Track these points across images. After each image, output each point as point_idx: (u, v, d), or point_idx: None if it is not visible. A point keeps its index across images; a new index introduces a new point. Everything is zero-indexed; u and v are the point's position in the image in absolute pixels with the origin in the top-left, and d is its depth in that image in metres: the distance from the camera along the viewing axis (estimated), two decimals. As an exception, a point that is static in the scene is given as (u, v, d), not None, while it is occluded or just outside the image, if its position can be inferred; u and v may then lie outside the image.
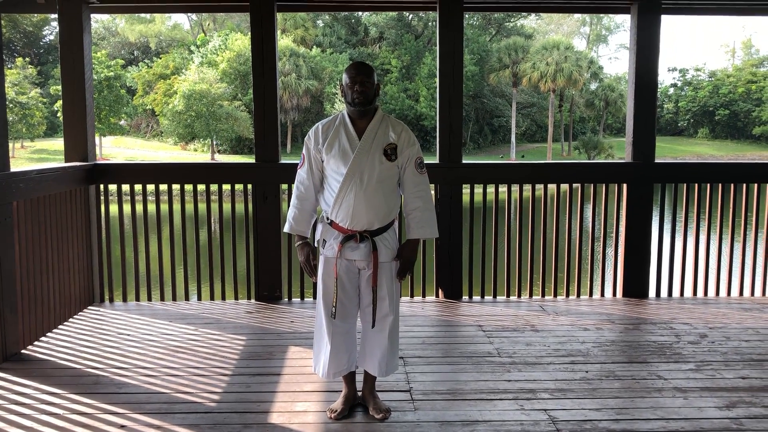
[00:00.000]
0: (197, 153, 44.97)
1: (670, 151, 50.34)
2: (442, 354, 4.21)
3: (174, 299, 5.48)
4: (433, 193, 5.26)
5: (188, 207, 5.42)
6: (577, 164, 6.06)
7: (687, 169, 5.76)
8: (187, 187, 5.44)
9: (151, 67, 48.20)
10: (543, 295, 5.63)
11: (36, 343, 4.35)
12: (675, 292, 5.65)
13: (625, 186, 5.50)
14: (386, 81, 47.11)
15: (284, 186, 5.37)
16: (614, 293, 5.65)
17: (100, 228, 5.34)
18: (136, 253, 5.42)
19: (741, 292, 5.69)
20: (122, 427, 3.15)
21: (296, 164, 3.39)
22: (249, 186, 5.43)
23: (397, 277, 3.26)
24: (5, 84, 4.49)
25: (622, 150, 6.54)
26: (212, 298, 5.51)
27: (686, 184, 5.57)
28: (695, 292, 5.63)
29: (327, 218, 3.22)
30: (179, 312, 5.14)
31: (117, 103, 40.05)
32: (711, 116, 58.61)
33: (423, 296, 5.59)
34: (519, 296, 5.58)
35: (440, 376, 3.81)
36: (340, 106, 40.47)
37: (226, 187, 5.47)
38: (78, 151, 5.27)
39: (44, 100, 40.65)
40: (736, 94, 57.22)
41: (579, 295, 5.62)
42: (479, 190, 5.51)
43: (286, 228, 3.29)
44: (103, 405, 3.40)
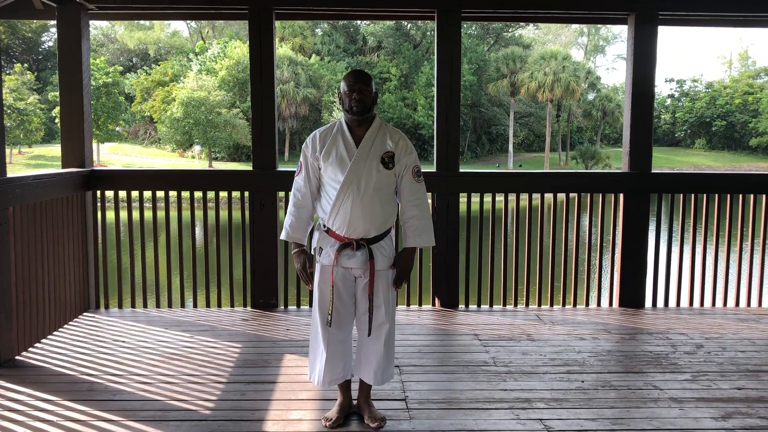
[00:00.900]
0: (193, 160, 44.95)
1: (667, 162, 50.48)
2: (438, 363, 4.20)
3: (169, 306, 5.47)
4: (430, 202, 5.26)
5: (185, 214, 5.41)
6: (574, 174, 6.08)
7: (683, 180, 5.77)
8: (184, 194, 5.44)
9: (150, 74, 48.28)
10: (539, 305, 5.63)
11: (31, 350, 4.34)
12: (671, 302, 5.66)
13: (622, 196, 5.51)
14: (384, 89, 47.23)
15: (281, 193, 5.37)
16: (610, 303, 5.66)
17: (97, 234, 5.33)
18: (132, 260, 5.40)
19: (737, 303, 5.69)
20: (116, 435, 3.14)
21: (293, 172, 3.39)
22: (246, 193, 5.43)
23: (394, 286, 3.26)
24: (3, 89, 4.49)
25: (619, 160, 6.56)
26: (208, 306, 5.50)
27: (683, 195, 5.58)
28: (691, 303, 5.63)
29: (324, 226, 3.22)
30: (175, 319, 5.13)
31: (115, 110, 40.07)
32: (708, 127, 58.82)
33: (419, 305, 5.58)
34: (515, 305, 5.58)
35: (436, 385, 3.80)
36: (338, 114, 40.51)
37: (223, 195, 5.47)
38: (75, 158, 5.27)
39: (42, 106, 40.66)
40: (733, 106, 57.46)
41: (575, 305, 5.62)
42: (476, 199, 5.52)
43: (283, 235, 3.29)
44: (98, 412, 3.38)
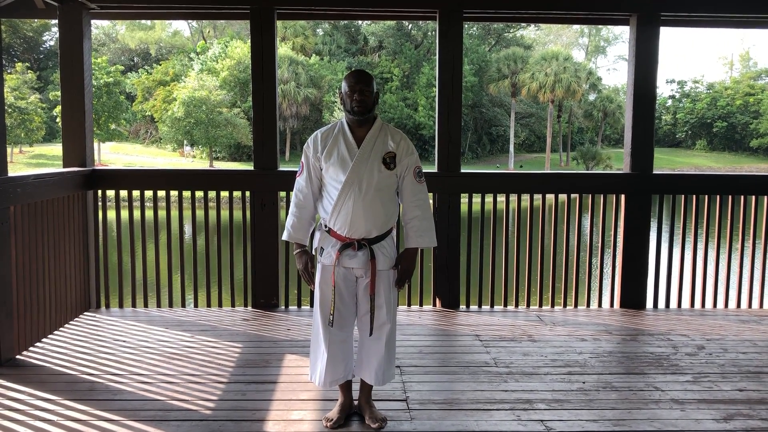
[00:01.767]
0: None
1: (668, 163, 50.47)
2: (439, 363, 4.20)
3: (170, 306, 5.46)
4: (432, 203, 5.26)
5: (186, 213, 5.41)
6: (576, 175, 6.08)
7: (685, 181, 5.77)
8: (185, 194, 5.44)
9: (151, 74, 48.30)
10: (540, 305, 5.62)
11: (31, 349, 4.33)
12: (673, 304, 5.65)
13: (623, 197, 5.50)
14: (386, 90, 47.24)
15: (282, 193, 5.36)
16: (612, 304, 5.65)
17: (98, 233, 5.33)
18: (133, 259, 5.40)
19: (738, 304, 5.69)
20: (117, 435, 3.13)
21: (295, 172, 3.39)
22: (247, 193, 5.42)
23: (396, 286, 3.25)
24: (4, 88, 4.49)
25: (620, 161, 6.56)
26: (209, 305, 5.50)
27: (684, 196, 5.57)
28: (693, 304, 5.62)
29: (325, 226, 3.21)
30: (175, 319, 5.12)
31: (116, 109, 40.09)
32: (709, 128, 58.80)
33: (420, 305, 5.58)
34: (516, 306, 5.57)
35: (437, 386, 3.80)
36: (340, 115, 40.54)
37: (224, 194, 5.47)
38: (76, 157, 5.27)
39: (43, 106, 40.67)
40: (734, 107, 57.45)
41: (576, 306, 5.61)
42: (477, 200, 5.51)
43: (285, 236, 3.29)
44: (98, 411, 3.38)
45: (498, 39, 56.11)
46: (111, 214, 5.42)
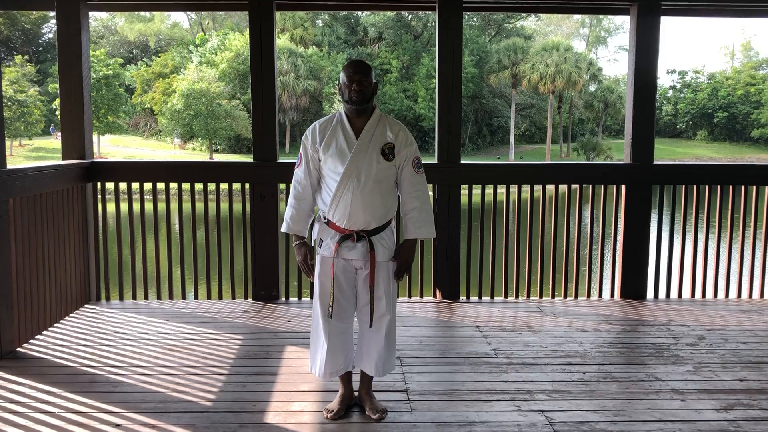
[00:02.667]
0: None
1: (669, 153, 50.40)
2: (439, 354, 4.20)
3: (171, 298, 5.46)
4: (432, 194, 5.25)
5: (186, 206, 5.40)
6: (576, 165, 6.07)
7: (685, 171, 5.75)
8: (185, 186, 5.43)
9: (150, 66, 48.18)
10: (541, 296, 5.62)
11: (32, 341, 4.34)
12: (673, 294, 5.65)
13: (624, 187, 5.49)
14: (385, 81, 47.13)
15: (282, 185, 5.36)
16: (612, 295, 5.65)
17: (97, 226, 5.33)
18: (133, 252, 5.40)
19: (739, 294, 5.68)
20: (117, 426, 3.13)
21: (294, 164, 3.38)
22: (246, 185, 5.41)
23: (395, 278, 3.25)
24: (2, 81, 4.48)
25: (621, 152, 6.54)
26: (209, 297, 5.50)
27: (684, 186, 5.56)
28: (693, 294, 5.62)
29: (324, 217, 3.20)
30: (176, 311, 5.13)
31: (115, 102, 40.01)
32: (710, 118, 58.68)
33: (420, 296, 5.58)
34: (517, 297, 5.57)
35: (437, 377, 3.80)
36: (339, 106, 40.46)
37: (224, 186, 5.46)
38: (76, 149, 5.25)
39: (42, 98, 40.60)
40: (735, 97, 57.31)
41: (577, 297, 5.61)
42: (477, 191, 5.50)
43: (284, 228, 3.28)
44: (99, 404, 3.38)
45: (498, 30, 55.93)
46: (110, 207, 5.41)
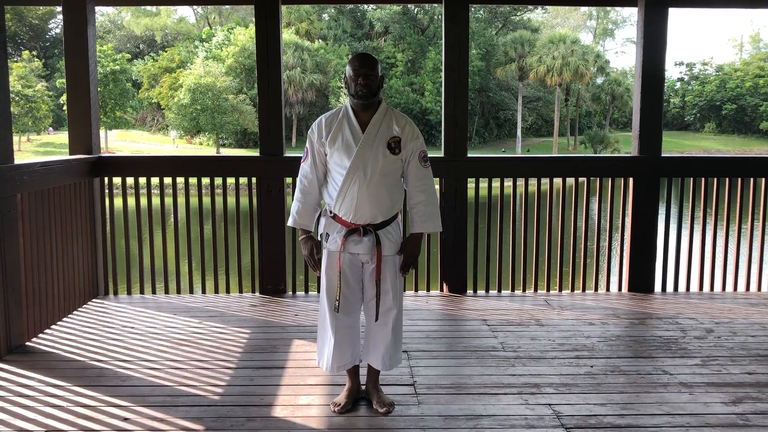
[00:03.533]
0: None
1: (677, 146, 50.17)
2: (446, 348, 4.20)
3: (178, 292, 5.48)
4: (438, 187, 5.24)
5: (193, 200, 5.41)
6: (583, 158, 6.04)
7: (693, 164, 5.72)
8: (192, 180, 5.44)
9: (157, 61, 48.26)
10: (548, 290, 5.61)
11: (40, 336, 4.36)
12: (681, 287, 5.63)
13: (631, 180, 5.46)
14: (391, 75, 47.04)
15: (288, 179, 5.36)
16: (620, 288, 5.63)
17: (105, 220, 5.34)
18: (141, 246, 5.42)
19: (747, 287, 5.66)
20: (125, 420, 3.15)
21: (300, 158, 3.38)
22: (253, 179, 5.42)
23: (401, 272, 3.24)
24: (10, 76, 4.49)
25: (629, 144, 6.49)
26: (216, 292, 5.52)
27: (692, 179, 5.53)
28: (701, 287, 5.60)
29: (330, 212, 3.20)
30: (183, 305, 5.14)
31: (122, 97, 40.12)
32: (718, 111, 58.35)
33: (427, 290, 5.58)
34: (524, 290, 5.56)
35: (444, 370, 3.80)
36: (345, 100, 40.47)
37: (231, 181, 5.47)
38: (83, 144, 5.27)
39: (50, 93, 40.73)
40: (744, 89, 56.93)
41: (584, 290, 5.60)
42: (484, 184, 5.49)
43: (290, 222, 3.27)
44: (107, 397, 3.40)
45: (505, 22, 55.69)
46: (118, 202, 5.43)
